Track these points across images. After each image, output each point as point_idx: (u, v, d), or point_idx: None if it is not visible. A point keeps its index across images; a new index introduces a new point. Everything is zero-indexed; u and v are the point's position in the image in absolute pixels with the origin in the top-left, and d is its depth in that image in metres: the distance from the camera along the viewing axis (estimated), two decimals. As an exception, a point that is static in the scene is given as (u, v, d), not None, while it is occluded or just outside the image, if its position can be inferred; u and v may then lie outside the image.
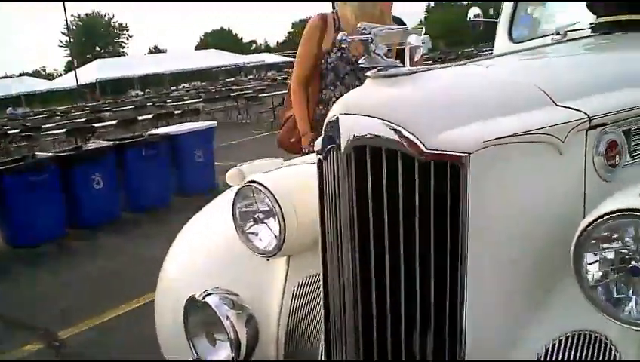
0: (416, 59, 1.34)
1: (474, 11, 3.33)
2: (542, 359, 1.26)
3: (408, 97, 1.28)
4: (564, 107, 1.37)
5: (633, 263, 1.14)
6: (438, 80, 1.37)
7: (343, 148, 1.31)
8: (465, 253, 1.23)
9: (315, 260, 1.65)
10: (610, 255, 1.16)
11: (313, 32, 3.04)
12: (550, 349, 1.26)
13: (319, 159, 1.48)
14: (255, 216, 1.75)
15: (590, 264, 1.16)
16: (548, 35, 2.59)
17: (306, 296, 1.73)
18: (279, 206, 1.65)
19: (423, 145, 1.22)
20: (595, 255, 1.15)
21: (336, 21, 3.04)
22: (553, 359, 1.25)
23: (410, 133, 1.23)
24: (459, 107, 1.29)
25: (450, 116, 1.26)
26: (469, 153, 1.21)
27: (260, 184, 1.69)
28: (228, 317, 1.64)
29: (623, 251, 1.15)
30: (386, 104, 1.27)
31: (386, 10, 3.06)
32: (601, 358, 1.22)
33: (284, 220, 1.65)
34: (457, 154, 1.21)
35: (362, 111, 1.28)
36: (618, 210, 1.12)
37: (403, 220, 1.26)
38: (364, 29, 1.27)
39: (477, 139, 1.22)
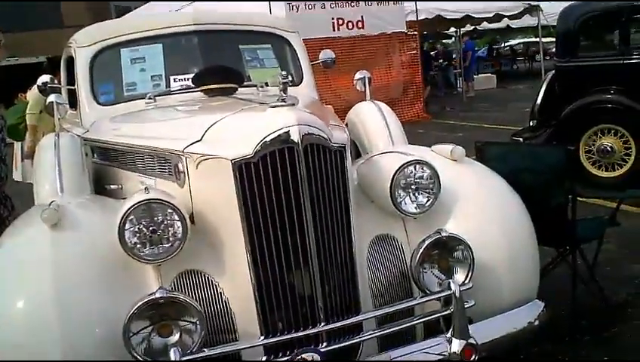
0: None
1: (43, 79, 3.38)
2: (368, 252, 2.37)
3: (314, 115, 2.16)
4: None
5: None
6: (305, 108, 2.23)
7: (301, 147, 2.01)
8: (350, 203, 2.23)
9: (185, 259, 2.13)
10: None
11: None
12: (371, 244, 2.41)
13: (245, 164, 2.02)
14: (149, 229, 2.10)
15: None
16: (139, 99, 3.21)
17: (186, 289, 2.14)
18: (181, 213, 2.10)
19: (331, 141, 2.14)
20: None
21: None
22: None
23: (327, 134, 2.13)
24: (324, 121, 2.22)
25: (325, 126, 2.17)
26: (345, 144, 2.21)
27: (160, 200, 2.10)
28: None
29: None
30: (310, 119, 2.10)
31: None
32: (395, 251, 2.42)
33: (186, 224, 2.10)
34: (343, 145, 2.20)
35: (307, 122, 2.06)
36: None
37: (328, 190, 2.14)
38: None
39: (346, 136, 2.29)
